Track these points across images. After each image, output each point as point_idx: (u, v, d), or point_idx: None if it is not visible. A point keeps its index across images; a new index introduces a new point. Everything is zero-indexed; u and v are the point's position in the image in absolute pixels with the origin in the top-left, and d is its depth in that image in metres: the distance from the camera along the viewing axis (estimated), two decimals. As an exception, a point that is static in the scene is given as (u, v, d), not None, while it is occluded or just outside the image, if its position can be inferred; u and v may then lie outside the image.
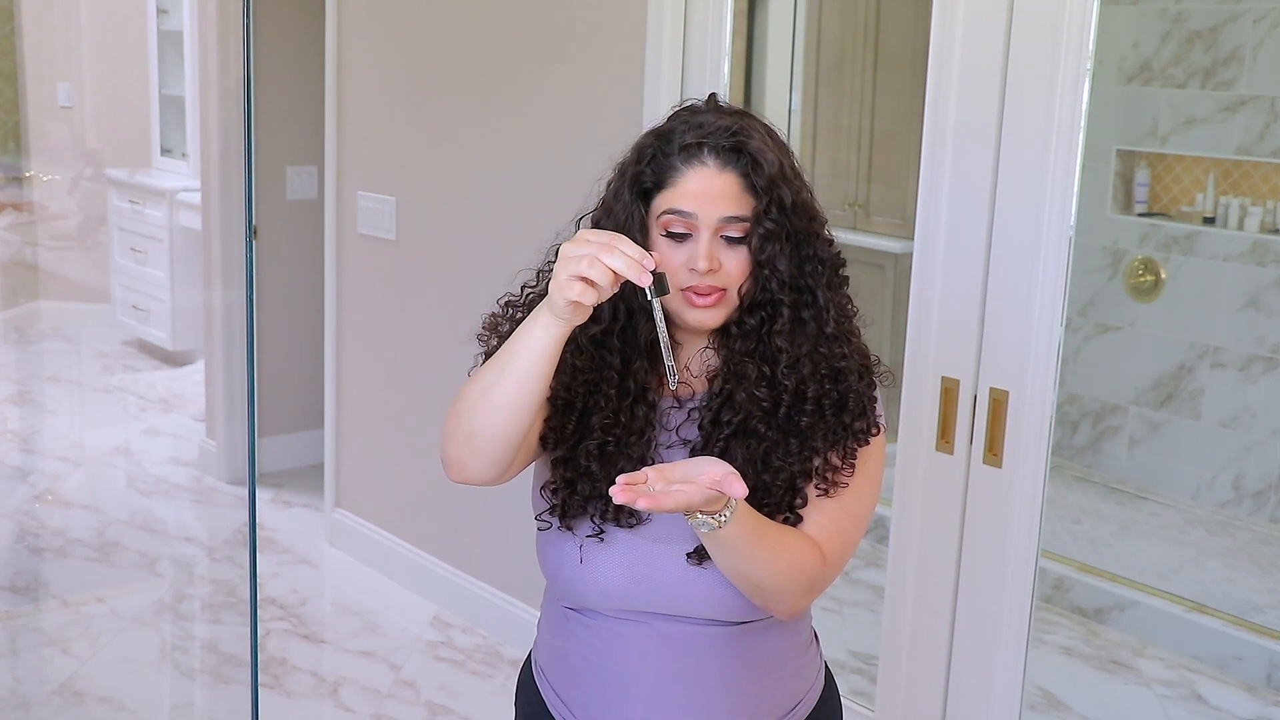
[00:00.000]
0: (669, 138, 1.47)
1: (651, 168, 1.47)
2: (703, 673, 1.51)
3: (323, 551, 4.10)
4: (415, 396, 3.72)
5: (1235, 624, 3.48)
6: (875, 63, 4.31)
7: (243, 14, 2.51)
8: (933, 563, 2.42)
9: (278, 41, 4.39)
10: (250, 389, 2.83)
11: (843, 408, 1.48)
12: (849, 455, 1.49)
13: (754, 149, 1.45)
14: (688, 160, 1.44)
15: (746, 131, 1.46)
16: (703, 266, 1.42)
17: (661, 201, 1.45)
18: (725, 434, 1.48)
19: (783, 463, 1.47)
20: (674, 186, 1.44)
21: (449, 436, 1.44)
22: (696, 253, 1.43)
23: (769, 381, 1.46)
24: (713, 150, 1.44)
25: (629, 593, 1.49)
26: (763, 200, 1.44)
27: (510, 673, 3.32)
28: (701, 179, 1.44)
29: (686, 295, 1.44)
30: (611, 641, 1.52)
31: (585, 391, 1.49)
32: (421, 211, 3.63)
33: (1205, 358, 4.24)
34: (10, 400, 5.24)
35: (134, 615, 3.63)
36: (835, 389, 1.47)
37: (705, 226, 1.43)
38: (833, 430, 1.48)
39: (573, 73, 3.13)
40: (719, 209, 1.43)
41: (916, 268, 2.37)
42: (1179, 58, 4.20)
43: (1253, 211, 4.14)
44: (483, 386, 1.40)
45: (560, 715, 1.59)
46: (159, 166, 5.89)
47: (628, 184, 1.48)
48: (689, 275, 1.43)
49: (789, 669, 1.58)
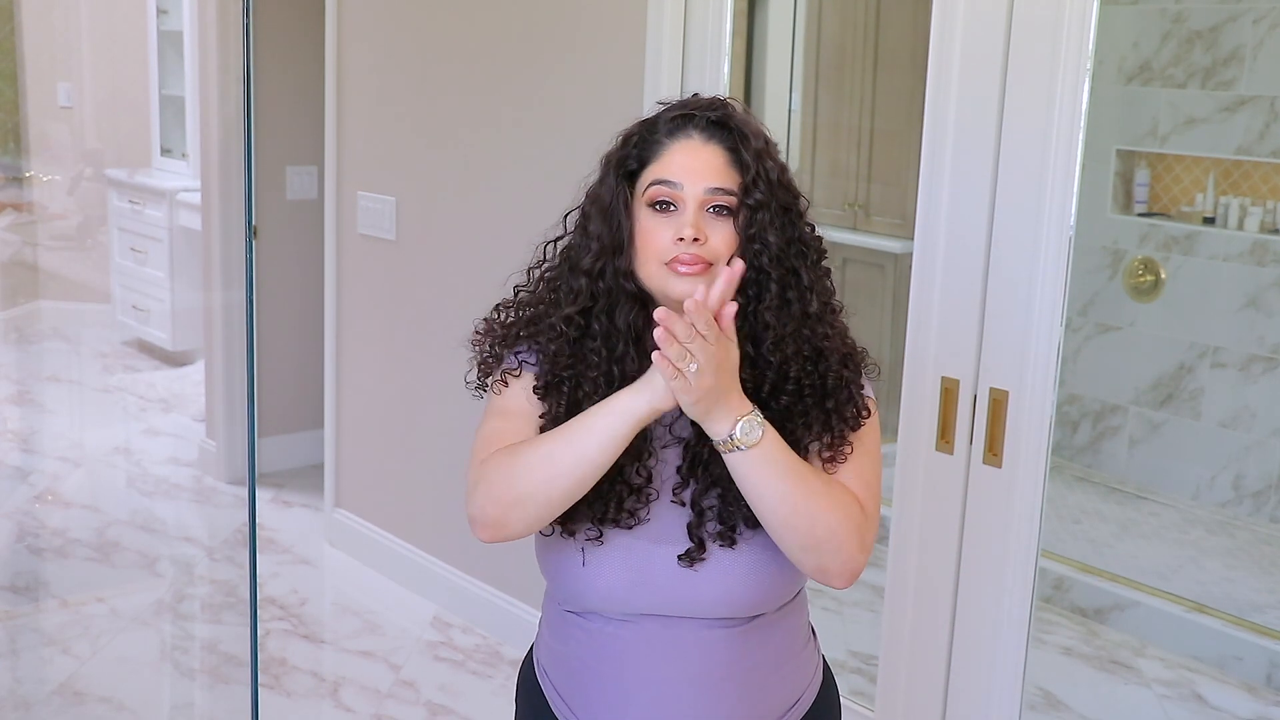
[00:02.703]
0: (654, 123, 1.51)
1: (637, 149, 1.50)
2: (704, 674, 1.51)
3: (323, 551, 4.10)
4: (415, 396, 3.72)
5: (1235, 624, 3.48)
6: (875, 63, 4.31)
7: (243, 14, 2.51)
8: (933, 563, 2.42)
9: (278, 41, 4.39)
10: (250, 389, 2.83)
11: (824, 393, 1.48)
12: (839, 441, 1.49)
13: (739, 122, 1.49)
14: (673, 134, 1.48)
15: (730, 108, 1.50)
16: (689, 234, 1.44)
17: (647, 175, 1.48)
18: None
19: None
20: (658, 160, 1.48)
21: (492, 499, 1.42)
22: (683, 222, 1.45)
23: (751, 361, 1.46)
24: (698, 124, 1.48)
25: (630, 594, 1.49)
26: (750, 172, 1.46)
27: (510, 673, 3.32)
28: (687, 151, 1.47)
29: (671, 266, 1.45)
30: (612, 645, 1.52)
31: (573, 384, 1.50)
32: (421, 211, 3.63)
33: (1205, 358, 4.24)
34: (10, 400, 5.25)
35: (134, 615, 3.63)
36: (816, 370, 1.48)
37: (691, 198, 1.45)
38: (817, 419, 1.48)
39: (573, 73, 3.13)
40: (705, 179, 1.45)
41: (916, 268, 2.37)
42: (1179, 58, 4.20)
43: (1253, 211, 4.14)
44: (548, 454, 1.40)
45: (563, 716, 1.59)
46: (159, 166, 5.89)
47: (613, 168, 1.51)
48: (674, 246, 1.45)
49: (789, 666, 1.58)
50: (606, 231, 1.49)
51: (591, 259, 1.49)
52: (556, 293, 1.54)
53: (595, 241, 1.50)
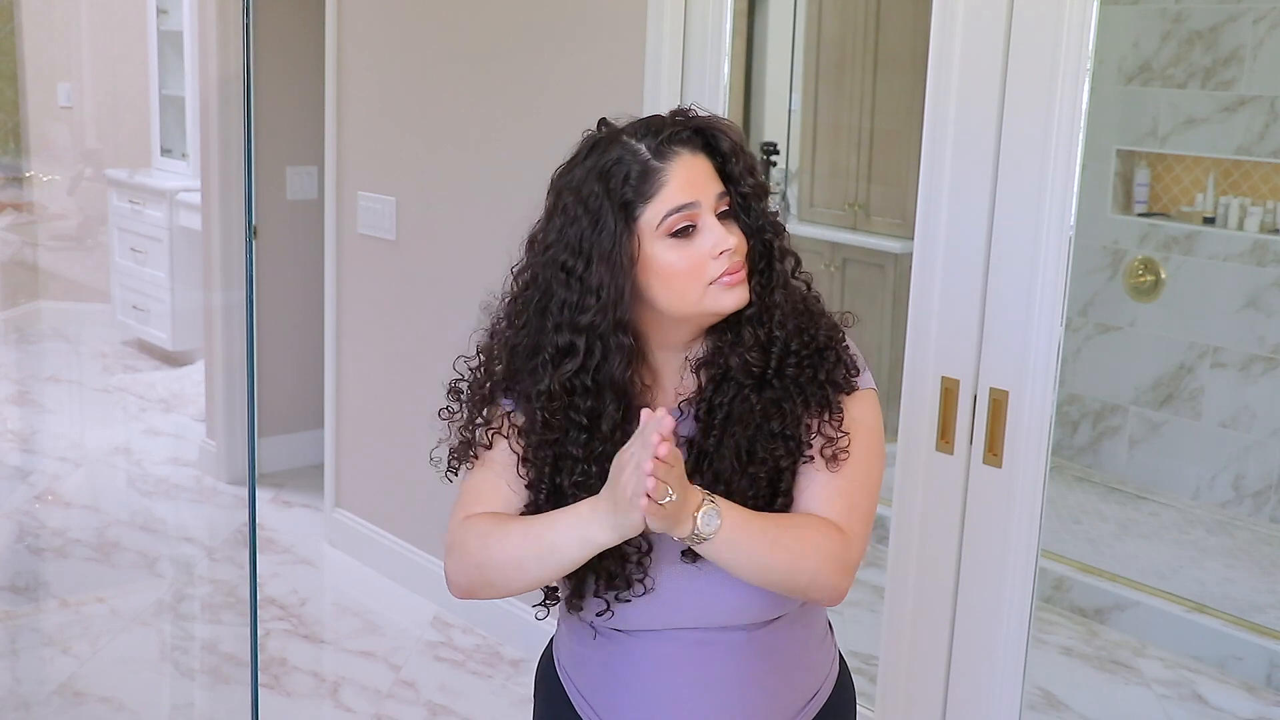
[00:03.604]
0: (628, 158, 1.43)
1: (629, 185, 1.42)
2: (725, 677, 1.52)
3: (323, 551, 4.10)
4: (415, 396, 3.72)
5: (1235, 624, 3.48)
6: (875, 63, 4.31)
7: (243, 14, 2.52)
8: (933, 563, 2.41)
9: (278, 41, 4.39)
10: (250, 389, 2.84)
11: (820, 357, 1.48)
12: (835, 410, 1.48)
13: (706, 123, 1.47)
14: (665, 158, 1.43)
15: (694, 112, 1.48)
16: (733, 243, 1.43)
17: (654, 211, 1.42)
18: (720, 418, 1.47)
19: (767, 453, 1.46)
20: (664, 188, 1.42)
21: (463, 572, 1.48)
22: (716, 237, 1.43)
23: (761, 345, 1.46)
24: (678, 140, 1.45)
25: (649, 613, 1.50)
26: (736, 164, 1.46)
27: (510, 673, 3.33)
28: (685, 167, 1.44)
29: (718, 284, 1.43)
30: (633, 652, 1.53)
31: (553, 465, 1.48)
32: (421, 211, 3.63)
33: (1205, 358, 4.24)
34: (10, 400, 5.25)
35: (134, 615, 3.62)
36: (808, 332, 1.49)
37: (707, 210, 1.43)
38: (814, 394, 1.48)
39: (573, 73, 3.14)
40: (711, 188, 1.44)
41: (916, 268, 2.37)
42: (1179, 58, 4.20)
43: (1253, 211, 4.14)
44: (517, 559, 1.43)
45: (585, 715, 1.61)
46: (159, 166, 5.89)
47: (610, 212, 1.42)
48: (717, 262, 1.42)
49: (807, 663, 1.59)
50: (612, 281, 1.41)
51: (595, 314, 1.42)
52: (537, 352, 1.47)
53: (594, 295, 1.42)
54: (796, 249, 1.54)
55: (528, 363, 1.48)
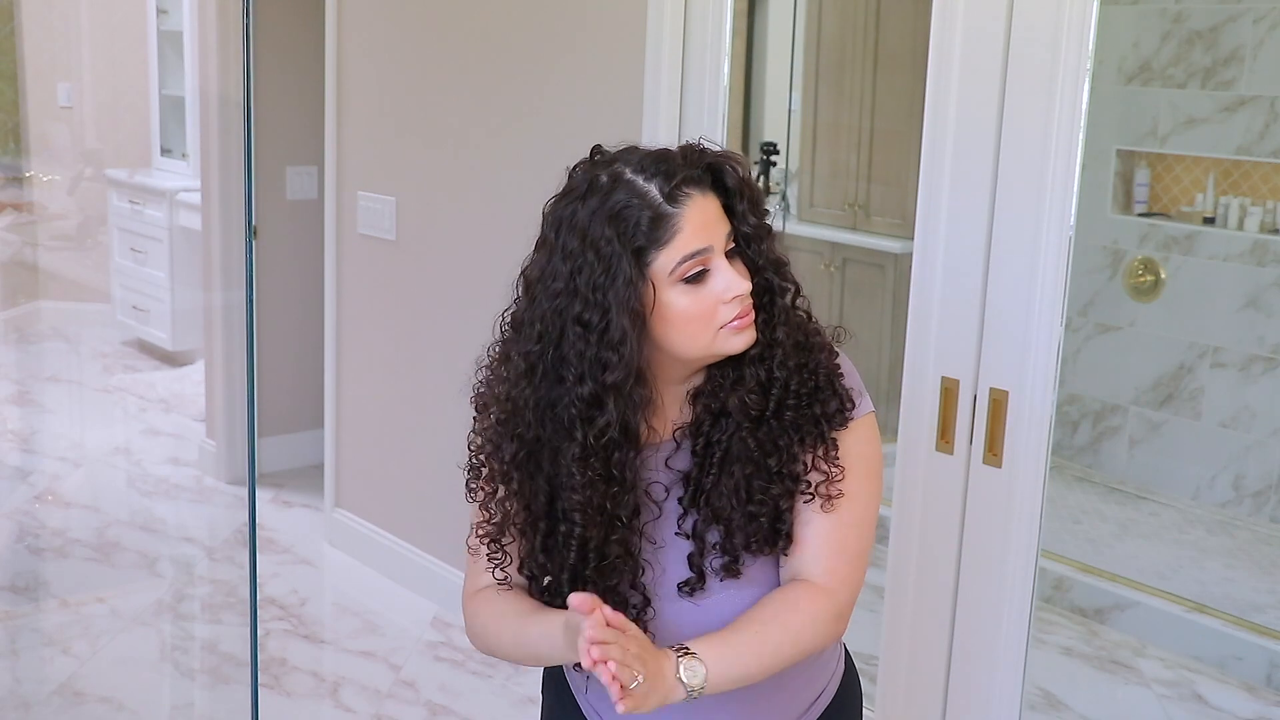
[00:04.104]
0: (639, 203, 1.38)
1: (640, 231, 1.37)
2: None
3: (323, 551, 4.10)
4: (415, 396, 3.72)
5: (1235, 624, 3.48)
6: (875, 63, 4.31)
7: (243, 14, 2.52)
8: (933, 563, 2.42)
9: (278, 41, 4.39)
10: (250, 389, 2.84)
11: (816, 396, 1.46)
12: (831, 447, 1.47)
13: (714, 159, 1.43)
14: (677, 202, 1.38)
15: (705, 150, 1.44)
16: (746, 288, 1.40)
17: (668, 256, 1.38)
18: (718, 455, 1.45)
19: (765, 494, 1.45)
20: (678, 233, 1.37)
21: (478, 637, 1.55)
22: (728, 281, 1.40)
23: (761, 386, 1.44)
24: (689, 181, 1.39)
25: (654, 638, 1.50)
26: (741, 200, 1.43)
27: (510, 673, 3.32)
28: (697, 210, 1.39)
29: (728, 328, 1.41)
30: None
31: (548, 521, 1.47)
32: (421, 211, 3.63)
33: (1205, 358, 4.24)
34: (10, 400, 5.25)
35: (134, 615, 3.63)
36: (808, 368, 1.46)
37: (718, 253, 1.40)
38: (809, 431, 1.46)
39: (573, 73, 3.14)
40: (720, 228, 1.41)
41: (916, 268, 2.37)
42: (1179, 58, 4.20)
43: (1253, 211, 4.14)
44: (518, 657, 1.51)
45: (590, 716, 1.61)
46: (159, 167, 5.90)
47: (625, 259, 1.36)
48: (726, 308, 1.40)
49: (814, 662, 1.59)
50: (633, 333, 1.37)
51: (622, 373, 1.38)
52: (553, 406, 1.42)
53: (615, 351, 1.37)
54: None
55: (547, 425, 1.43)
